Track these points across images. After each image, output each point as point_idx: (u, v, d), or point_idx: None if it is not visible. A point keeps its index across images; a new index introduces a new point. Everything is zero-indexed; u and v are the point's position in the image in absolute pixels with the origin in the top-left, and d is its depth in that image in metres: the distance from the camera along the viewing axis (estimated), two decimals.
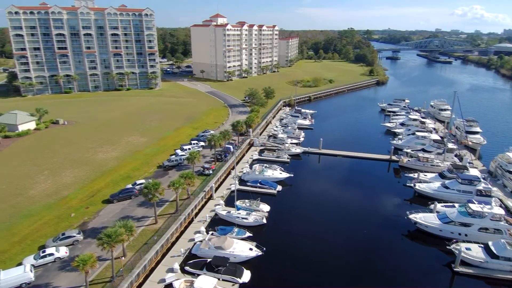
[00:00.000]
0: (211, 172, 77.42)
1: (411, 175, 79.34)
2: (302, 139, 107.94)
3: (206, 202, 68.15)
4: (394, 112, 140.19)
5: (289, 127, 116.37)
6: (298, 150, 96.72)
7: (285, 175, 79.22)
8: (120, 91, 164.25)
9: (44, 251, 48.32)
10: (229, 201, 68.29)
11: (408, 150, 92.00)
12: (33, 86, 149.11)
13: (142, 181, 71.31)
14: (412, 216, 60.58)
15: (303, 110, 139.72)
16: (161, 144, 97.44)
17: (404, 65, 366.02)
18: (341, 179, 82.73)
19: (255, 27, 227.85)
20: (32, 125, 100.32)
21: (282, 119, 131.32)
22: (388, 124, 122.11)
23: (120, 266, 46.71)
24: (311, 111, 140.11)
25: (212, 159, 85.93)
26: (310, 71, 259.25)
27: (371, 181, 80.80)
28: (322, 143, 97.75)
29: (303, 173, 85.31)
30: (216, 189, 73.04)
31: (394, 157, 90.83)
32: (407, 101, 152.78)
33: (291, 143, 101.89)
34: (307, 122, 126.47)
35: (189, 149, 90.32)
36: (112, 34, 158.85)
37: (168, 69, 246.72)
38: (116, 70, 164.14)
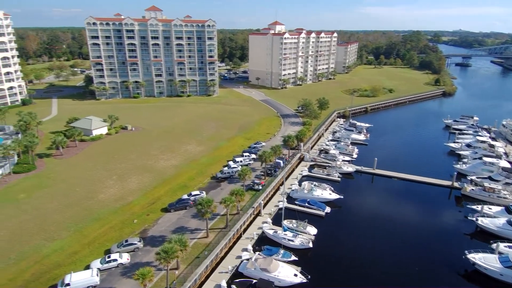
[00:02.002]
0: (260, 187, 79.48)
1: (474, 207, 73.40)
2: (355, 156, 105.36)
3: (254, 218, 70.35)
4: (460, 130, 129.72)
5: (342, 143, 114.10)
6: (350, 168, 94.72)
7: (334, 196, 78.38)
8: (181, 97, 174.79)
9: (109, 256, 54.23)
10: (277, 219, 69.70)
11: (473, 177, 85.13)
12: (106, 91, 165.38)
13: (197, 192, 76.06)
14: (470, 256, 56.41)
15: (358, 124, 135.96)
16: (215, 154, 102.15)
17: (475, 73, 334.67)
18: (395, 205, 79.40)
19: (313, 35, 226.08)
20: (104, 130, 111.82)
21: (335, 132, 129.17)
22: (452, 145, 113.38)
23: (174, 278, 50.69)
24: (366, 125, 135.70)
25: (262, 174, 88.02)
26: (369, 78, 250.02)
27: (429, 209, 76.23)
28: (376, 163, 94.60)
29: (354, 194, 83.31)
30: (265, 205, 74.90)
31: (456, 184, 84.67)
32: (475, 118, 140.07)
33: (343, 160, 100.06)
34: (361, 137, 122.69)
35: (241, 161, 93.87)
36: (177, 44, 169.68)
37: (226, 75, 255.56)
38: (179, 77, 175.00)
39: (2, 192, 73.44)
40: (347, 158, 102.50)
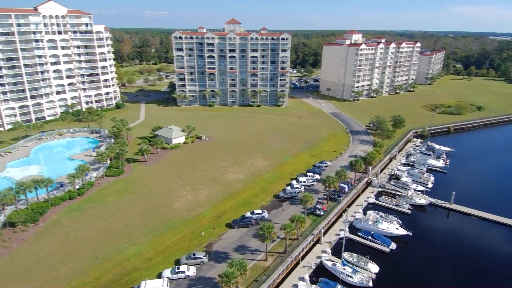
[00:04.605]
0: (322, 213, 79.25)
1: None
2: (430, 185, 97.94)
3: (313, 246, 70.66)
4: None
5: (416, 169, 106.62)
6: (423, 200, 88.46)
7: (402, 231, 74.33)
8: (252, 107, 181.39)
9: (178, 268, 60.06)
10: (336, 249, 69.00)
11: None
12: (186, 99, 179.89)
13: (259, 211, 79.25)
14: None
15: (437, 147, 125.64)
16: (279, 170, 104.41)
17: None
18: (473, 248, 71.70)
19: (393, 45, 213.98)
20: (182, 140, 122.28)
21: (410, 155, 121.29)
22: None
23: None
24: (447, 149, 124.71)
25: (325, 198, 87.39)
26: (454, 92, 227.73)
27: None
28: (454, 197, 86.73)
29: (425, 231, 77.76)
30: (325, 232, 74.52)
31: None
32: None
33: (415, 190, 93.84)
34: (440, 163, 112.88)
35: (304, 181, 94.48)
36: (252, 56, 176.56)
37: (296, 83, 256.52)
38: (251, 88, 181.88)
39: (95, 194, 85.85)
40: (420, 187, 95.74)
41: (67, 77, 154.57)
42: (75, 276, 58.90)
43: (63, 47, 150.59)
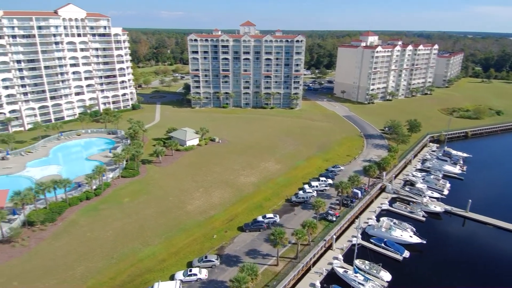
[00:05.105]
0: (334, 219, 78.86)
1: None
2: (446, 192, 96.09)
3: (325, 252, 70.43)
4: None
5: (432, 175, 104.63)
6: (438, 208, 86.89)
7: (416, 239, 73.27)
8: (265, 109, 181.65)
9: (190, 270, 60.95)
10: (348, 255, 68.58)
11: None
12: (200, 100, 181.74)
13: (271, 215, 79.45)
14: None
15: (453, 152, 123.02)
16: (292, 174, 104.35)
17: None
18: (489, 259, 70.02)
19: (410, 47, 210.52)
20: (196, 142, 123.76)
21: (425, 160, 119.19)
22: None
23: None
24: (464, 154, 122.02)
25: (338, 203, 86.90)
26: (473, 95, 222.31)
27: None
28: (471, 204, 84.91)
29: (440, 240, 76.36)
30: (337, 238, 74.17)
31: None
32: None
33: (430, 197, 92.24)
34: (456, 169, 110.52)
35: (317, 186, 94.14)
36: (266, 59, 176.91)
37: (310, 85, 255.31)
38: (265, 90, 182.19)
39: (112, 195, 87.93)
40: (435, 194, 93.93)
41: (86, 78, 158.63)
42: (91, 276, 60.58)
43: (82, 49, 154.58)
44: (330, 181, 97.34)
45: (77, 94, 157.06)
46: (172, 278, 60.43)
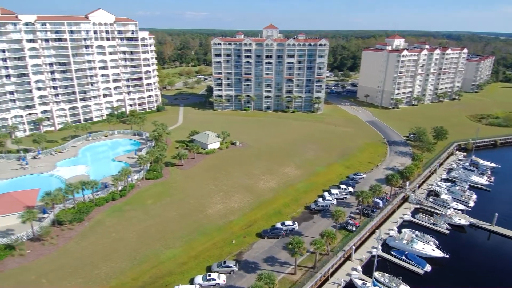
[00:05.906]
0: (354, 229, 78.06)
1: None
2: (471, 204, 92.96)
3: (343, 262, 69.94)
4: None
5: (458, 186, 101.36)
6: (463, 220, 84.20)
7: (438, 253, 71.48)
8: (286, 112, 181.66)
9: (209, 275, 62.25)
10: (367, 267, 67.80)
11: None
12: (222, 103, 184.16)
13: (290, 222, 79.71)
14: None
15: (481, 162, 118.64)
16: (312, 181, 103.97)
17: None
18: None
19: (437, 51, 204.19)
20: (217, 145, 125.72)
21: (451, 170, 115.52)
22: None
23: None
24: (492, 165, 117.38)
25: (358, 212, 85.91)
26: (504, 101, 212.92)
27: None
28: (497, 218, 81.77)
29: (463, 254, 74.09)
30: (356, 248, 73.44)
31: None
32: None
33: (455, 209, 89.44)
34: (483, 180, 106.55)
35: (337, 194, 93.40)
36: (288, 62, 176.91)
37: (333, 88, 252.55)
38: (286, 93, 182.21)
39: (135, 196, 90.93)
40: (461, 206, 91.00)
41: (113, 81, 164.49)
42: (115, 276, 63.11)
43: (110, 53, 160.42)
44: (350, 189, 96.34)
45: (105, 96, 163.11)
46: (191, 282, 61.95)
